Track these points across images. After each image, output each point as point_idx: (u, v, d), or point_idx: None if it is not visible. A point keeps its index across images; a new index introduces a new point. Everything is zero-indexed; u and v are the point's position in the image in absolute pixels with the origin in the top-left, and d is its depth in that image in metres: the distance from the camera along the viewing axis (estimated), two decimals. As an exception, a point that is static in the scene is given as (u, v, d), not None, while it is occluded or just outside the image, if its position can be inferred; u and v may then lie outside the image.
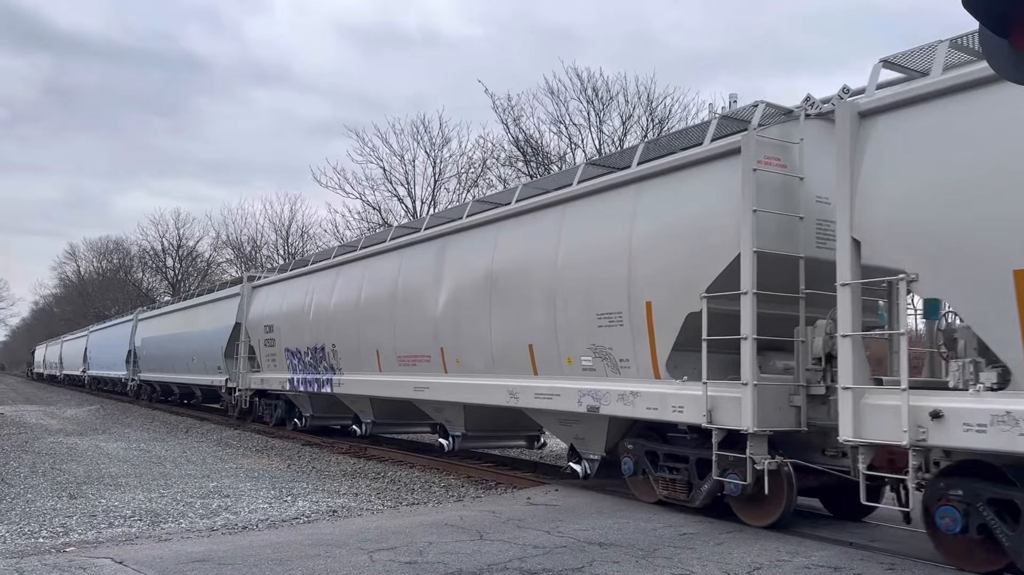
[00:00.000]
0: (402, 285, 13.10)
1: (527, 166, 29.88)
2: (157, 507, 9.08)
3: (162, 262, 64.69)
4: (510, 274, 10.51)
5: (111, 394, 38.58)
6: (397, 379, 13.09)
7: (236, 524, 8.14)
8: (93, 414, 26.53)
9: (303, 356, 16.61)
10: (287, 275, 18.58)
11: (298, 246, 48.13)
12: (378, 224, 34.29)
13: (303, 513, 8.82)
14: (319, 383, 15.96)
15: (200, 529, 7.89)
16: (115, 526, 8.01)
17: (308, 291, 16.72)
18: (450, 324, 11.67)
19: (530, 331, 10.07)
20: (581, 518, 8.08)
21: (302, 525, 8.13)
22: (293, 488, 10.67)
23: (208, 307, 23.75)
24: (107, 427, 21.18)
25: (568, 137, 29.29)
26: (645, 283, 8.43)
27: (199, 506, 9.18)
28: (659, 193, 8.54)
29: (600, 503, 9.02)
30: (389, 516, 8.60)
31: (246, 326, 19.93)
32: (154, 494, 10.01)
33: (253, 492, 10.29)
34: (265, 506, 9.27)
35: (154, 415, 26.19)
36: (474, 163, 33.37)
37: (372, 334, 13.83)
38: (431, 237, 12.64)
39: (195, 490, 10.38)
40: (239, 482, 11.19)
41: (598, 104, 28.60)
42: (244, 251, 53.58)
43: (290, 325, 17.29)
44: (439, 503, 9.65)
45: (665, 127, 27.23)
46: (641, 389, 8.47)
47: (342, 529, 7.70)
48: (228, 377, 21.33)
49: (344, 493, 10.35)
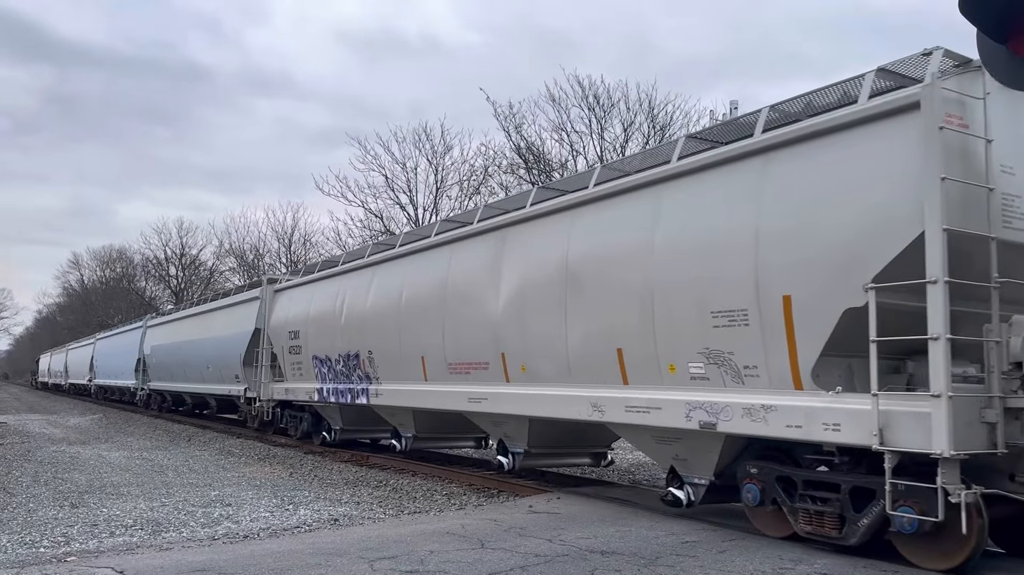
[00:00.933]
0: (453, 284, 11.67)
1: (529, 173, 29.94)
2: (159, 516, 9.06)
3: (165, 271, 65.08)
4: (591, 267, 9.09)
5: (119, 404, 37.32)
6: (447, 389, 11.71)
7: (237, 533, 8.12)
8: (96, 423, 26.47)
9: (334, 364, 15.21)
10: (314, 277, 17.03)
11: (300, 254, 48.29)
12: (380, 232, 34.33)
13: (305, 522, 8.79)
14: (353, 394, 14.56)
15: (201, 538, 7.87)
16: (116, 535, 8.00)
17: (339, 293, 15.25)
18: (513, 327, 10.29)
19: (618, 333, 8.66)
20: (583, 526, 8.05)
21: (303, 534, 8.11)
22: (295, 497, 10.65)
23: (224, 312, 22.30)
24: (110, 436, 21.16)
25: (570, 144, 29.42)
26: (781, 274, 6.97)
27: (201, 515, 9.16)
28: (797, 165, 7.03)
29: (602, 511, 8.99)
30: (391, 524, 8.57)
31: (267, 332, 18.56)
32: (156, 503, 9.99)
33: (255, 501, 10.26)
34: (267, 515, 9.25)
35: (156, 423, 26.14)
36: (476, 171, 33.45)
37: (416, 339, 12.44)
38: (487, 230, 11.18)
39: (197, 499, 10.36)
40: (241, 491, 11.17)
41: (599, 111, 28.69)
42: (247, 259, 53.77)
43: (319, 331, 15.85)
44: (441, 511, 9.62)
45: (667, 134, 27.28)
46: (777, 402, 6.97)
47: (343, 538, 7.69)
48: (247, 386, 20.00)
49: (346, 501, 10.33)
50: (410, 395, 12.83)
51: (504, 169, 31.58)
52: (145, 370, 31.52)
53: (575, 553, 6.83)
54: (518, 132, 30.14)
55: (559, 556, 6.72)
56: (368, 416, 15.07)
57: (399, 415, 13.87)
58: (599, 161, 27.20)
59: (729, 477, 7.99)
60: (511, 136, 30.40)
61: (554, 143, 29.95)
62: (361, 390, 14.25)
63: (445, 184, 34.79)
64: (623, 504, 9.48)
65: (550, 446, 11.05)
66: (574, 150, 29.48)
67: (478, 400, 11.03)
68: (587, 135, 29.25)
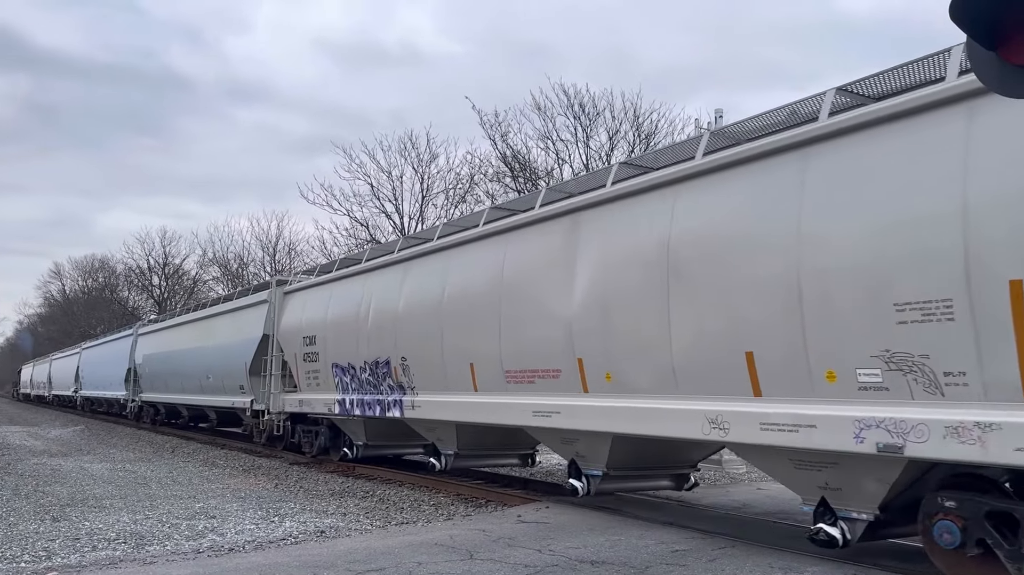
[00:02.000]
0: (510, 279, 10.04)
1: (515, 182, 29.97)
2: (142, 529, 8.93)
3: (148, 280, 64.47)
4: (703, 253, 7.47)
5: (106, 416, 35.18)
6: (504, 401, 10.07)
7: (222, 546, 8.02)
8: (79, 434, 26.10)
9: (358, 373, 13.57)
10: (332, 276, 15.30)
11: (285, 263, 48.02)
12: (366, 241, 34.21)
13: (290, 534, 8.68)
14: (383, 406, 12.87)
15: (186, 551, 7.77)
16: (99, 549, 7.87)
17: (363, 294, 13.62)
18: (593, 327, 8.66)
19: (747, 332, 7.00)
20: (572, 536, 8.01)
21: (289, 546, 8.01)
22: (280, 508, 10.53)
23: (227, 318, 20.35)
24: (92, 448, 20.88)
25: (556, 153, 29.46)
26: (1003, 252, 5.39)
27: (185, 528, 9.04)
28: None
29: (591, 520, 8.94)
30: (378, 536, 8.48)
31: (277, 338, 16.81)
32: (139, 516, 9.85)
33: (240, 513, 10.14)
34: (252, 527, 9.13)
35: (140, 435, 25.83)
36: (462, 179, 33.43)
37: (463, 344, 10.82)
38: (554, 215, 9.61)
39: (181, 511, 10.23)
40: (226, 503, 11.04)
41: (585, 120, 28.77)
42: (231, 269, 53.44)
43: (339, 335, 14.21)
44: (428, 522, 9.54)
45: (652, 142, 27.40)
46: (1001, 419, 5.38)
47: (330, 550, 7.60)
48: (254, 398, 18.02)
49: (332, 513, 10.22)
50: (456, 408, 11.12)
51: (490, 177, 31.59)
52: (136, 380, 29.53)
53: (565, 563, 6.79)
54: (504, 140, 30.17)
55: (549, 566, 6.67)
56: (397, 430, 13.69)
57: (439, 430, 12.14)
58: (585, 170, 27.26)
59: (897, 510, 6.51)
60: (497, 144, 30.42)
61: (540, 151, 30.00)
62: (393, 402, 12.57)
63: (431, 192, 34.72)
64: (612, 513, 9.43)
65: (632, 467, 9.40)
66: (560, 158, 29.55)
67: (546, 414, 9.36)
68: (573, 143, 29.33)
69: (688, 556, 7.05)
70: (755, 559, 6.89)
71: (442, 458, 12.28)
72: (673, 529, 8.33)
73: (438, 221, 28.65)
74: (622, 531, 8.23)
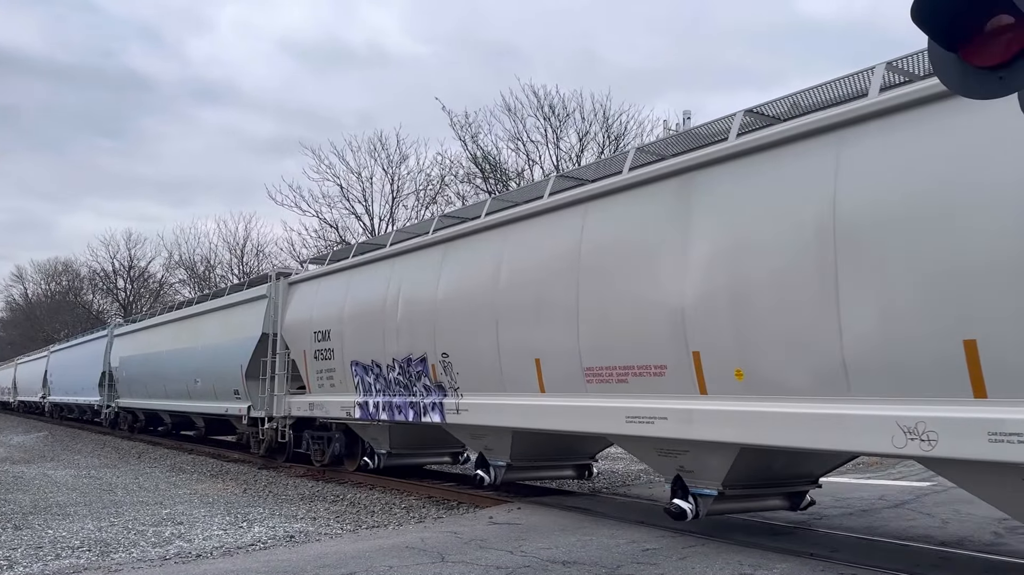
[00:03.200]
0: (590, 257, 8.38)
1: (486, 183, 29.96)
2: (107, 536, 8.77)
3: (113, 283, 63.58)
4: (890, 215, 5.77)
5: (81, 424, 33.00)
6: (584, 403, 8.39)
7: (190, 552, 7.89)
8: (42, 441, 25.69)
9: (385, 372, 11.86)
10: (349, 263, 13.53)
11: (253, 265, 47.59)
12: (336, 242, 33.98)
13: (259, 539, 8.58)
14: (417, 409, 11.21)
15: (152, 558, 7.63)
16: (62, 558, 7.70)
17: (390, 280, 11.90)
18: (717, 312, 6.95)
19: (971, 315, 5.33)
20: (544, 536, 8.02)
21: (258, 551, 7.92)
22: (249, 513, 10.40)
23: (219, 316, 18.49)
24: (56, 454, 20.52)
25: (526, 154, 29.48)
26: None
27: (151, 534, 8.89)
28: None
29: (563, 520, 8.96)
30: (348, 540, 8.42)
31: (282, 335, 15.13)
32: (104, 523, 9.68)
33: (207, 518, 10.01)
34: (220, 533, 9.01)
35: (105, 441, 25.40)
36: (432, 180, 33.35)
37: (527, 335, 9.14)
38: (654, 177, 7.83)
39: (147, 518, 10.07)
40: (193, 508, 10.89)
41: (555, 121, 28.85)
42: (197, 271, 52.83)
43: (360, 329, 12.53)
44: (400, 525, 9.48)
45: (621, 144, 27.56)
46: None
47: (300, 555, 7.52)
48: (251, 404, 16.14)
49: (302, 517, 10.13)
50: (515, 412, 9.42)
51: (461, 178, 31.56)
52: (112, 385, 27.38)
53: (536, 564, 6.79)
54: (474, 141, 30.16)
55: (520, 567, 6.67)
56: (427, 437, 12.44)
57: (489, 438, 10.40)
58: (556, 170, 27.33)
59: None
60: (467, 145, 30.39)
61: (511, 152, 30.03)
62: (431, 405, 10.90)
63: (401, 194, 34.63)
64: (584, 513, 9.45)
65: (749, 485, 7.72)
66: (530, 159, 29.60)
67: (647, 420, 7.68)
68: (543, 144, 29.40)
69: (658, 555, 7.08)
70: (725, 557, 6.94)
71: (491, 470, 10.54)
72: (644, 528, 8.37)
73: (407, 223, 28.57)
74: (593, 531, 8.25)
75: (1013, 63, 3.03)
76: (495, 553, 7.27)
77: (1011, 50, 3.01)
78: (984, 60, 3.09)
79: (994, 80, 3.08)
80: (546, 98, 28.84)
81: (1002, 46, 3.04)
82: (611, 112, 28.49)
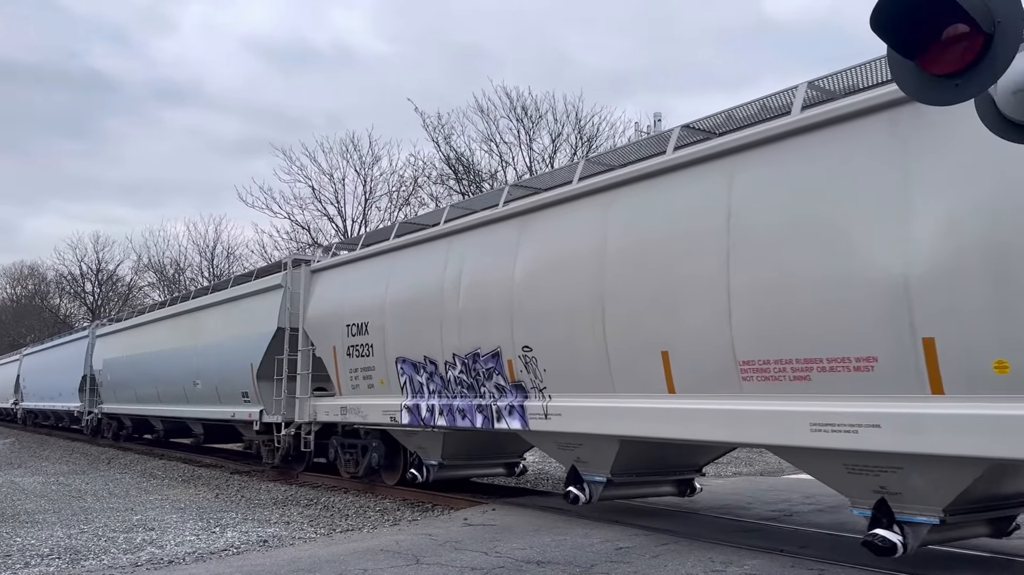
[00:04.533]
0: (745, 218, 6.75)
1: (459, 184, 29.97)
2: (77, 543, 8.67)
3: (80, 287, 62.60)
4: None
5: (61, 432, 31.04)
6: (739, 407, 6.81)
7: (161, 558, 7.84)
8: (9, 447, 25.30)
9: (442, 369, 10.27)
10: (392, 244, 11.73)
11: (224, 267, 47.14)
12: (308, 244, 33.81)
13: (232, 544, 8.54)
14: (488, 414, 9.59)
15: (123, 565, 7.57)
16: (31, 566, 7.61)
17: (448, 262, 10.29)
18: (966, 284, 5.43)
19: None
20: (519, 536, 8.06)
21: (231, 557, 7.87)
22: (222, 518, 10.34)
23: (223, 310, 16.63)
24: (23, 461, 20.24)
25: (499, 155, 29.55)
26: None
27: (122, 541, 8.81)
28: None
29: (537, 520, 9.01)
30: (322, 544, 8.41)
31: (303, 329, 13.62)
32: (74, 530, 9.57)
33: (179, 524, 9.93)
34: (192, 538, 8.96)
35: (74, 447, 25.05)
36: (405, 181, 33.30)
37: (649, 322, 7.52)
38: (838, 118, 6.25)
39: (118, 524, 9.97)
40: (165, 514, 10.80)
41: (528, 123, 28.95)
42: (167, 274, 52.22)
43: (408, 321, 10.86)
44: (374, 528, 9.48)
45: (594, 145, 27.72)
46: None
47: (273, 560, 7.51)
48: (263, 407, 14.47)
49: (275, 522, 10.08)
50: (631, 417, 7.78)
51: (434, 180, 31.55)
52: (95, 390, 25.45)
53: (511, 564, 6.83)
54: (447, 143, 30.16)
55: (495, 568, 6.71)
56: (486, 446, 11.16)
57: (584, 448, 8.77)
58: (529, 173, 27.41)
59: None
60: (440, 147, 30.39)
61: (484, 154, 30.07)
62: (508, 408, 9.27)
63: (374, 195, 34.53)
64: (558, 513, 9.51)
65: (968, 510, 6.23)
66: (503, 160, 29.66)
67: (846, 429, 6.02)
68: (516, 146, 29.47)
69: (632, 553, 7.16)
70: (697, 554, 7.04)
71: (586, 487, 8.84)
72: (618, 527, 8.45)
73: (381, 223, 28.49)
74: (567, 530, 8.32)
75: (968, 71, 3.12)
76: (470, 554, 7.30)
77: (966, 58, 3.11)
78: (940, 68, 3.18)
79: (950, 88, 3.17)
80: (519, 99, 28.93)
81: (958, 54, 3.13)
82: (583, 114, 28.64)
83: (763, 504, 10.49)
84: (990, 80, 3.15)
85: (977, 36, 3.08)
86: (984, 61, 3.09)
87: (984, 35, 3.06)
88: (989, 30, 3.05)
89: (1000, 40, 3.05)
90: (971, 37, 3.09)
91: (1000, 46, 3.06)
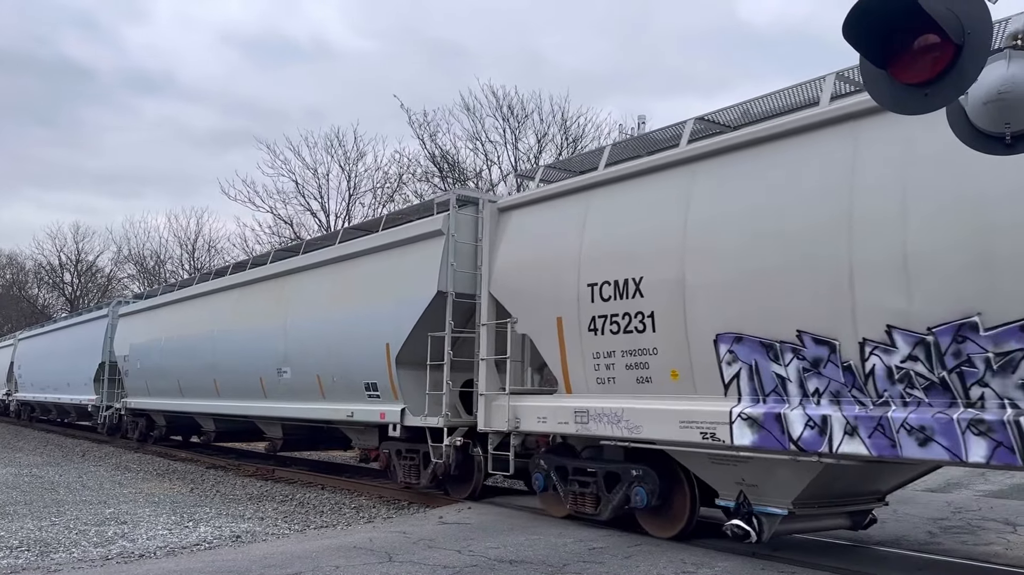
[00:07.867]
0: None
1: (444, 182, 29.91)
2: (47, 536, 8.59)
3: (59, 277, 61.83)
4: None
5: (60, 429, 27.22)
6: None
7: (133, 552, 7.78)
8: (-19, 439, 25.02)
9: (848, 354, 6.20)
10: (693, 151, 7.62)
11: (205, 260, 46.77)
12: (290, 239, 33.62)
13: (205, 539, 8.48)
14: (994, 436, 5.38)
15: (94, 558, 7.51)
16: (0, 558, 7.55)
17: (852, 165, 6.24)
18: None
19: None
20: (492, 536, 8.06)
21: (203, 552, 7.83)
22: (195, 513, 10.27)
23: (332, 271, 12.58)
24: (-5, 452, 19.99)
25: (484, 154, 29.50)
26: None
27: (93, 534, 8.73)
28: None
29: (512, 520, 9.01)
30: (296, 540, 8.37)
31: (490, 294, 9.85)
32: (45, 522, 9.48)
33: (152, 518, 9.86)
34: (164, 532, 8.89)
35: (48, 438, 24.82)
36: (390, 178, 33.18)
37: None
38: None
39: (90, 517, 9.88)
40: (138, 508, 10.70)
41: (513, 122, 28.94)
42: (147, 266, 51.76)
43: (754, 270, 6.82)
44: (349, 525, 9.45)
45: (579, 146, 27.76)
46: None
47: (245, 555, 7.46)
48: (406, 405, 10.74)
49: (249, 517, 10.03)
50: None
51: (419, 177, 31.46)
52: (115, 380, 21.40)
53: (484, 563, 6.83)
54: (432, 140, 30.09)
55: (467, 567, 6.70)
56: (854, 485, 7.15)
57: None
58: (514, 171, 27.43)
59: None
60: (425, 144, 30.31)
61: (469, 152, 30.03)
62: None
63: (358, 191, 34.37)
64: (534, 513, 9.51)
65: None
66: (489, 159, 29.62)
67: None
68: (501, 145, 29.46)
69: (605, 553, 7.18)
70: (669, 555, 7.07)
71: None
72: (592, 528, 8.47)
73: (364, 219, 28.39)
74: (541, 530, 8.33)
75: (938, 80, 3.16)
76: (443, 553, 7.30)
77: (936, 68, 3.14)
78: (912, 77, 3.22)
79: (920, 96, 3.21)
80: (505, 99, 28.92)
81: (928, 64, 3.17)
82: (569, 115, 28.66)
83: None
84: (959, 90, 3.19)
85: (947, 46, 3.11)
86: (954, 71, 3.13)
87: (954, 46, 3.10)
88: (959, 41, 3.09)
89: (969, 51, 3.09)
90: (942, 47, 3.13)
91: (970, 57, 3.10)
